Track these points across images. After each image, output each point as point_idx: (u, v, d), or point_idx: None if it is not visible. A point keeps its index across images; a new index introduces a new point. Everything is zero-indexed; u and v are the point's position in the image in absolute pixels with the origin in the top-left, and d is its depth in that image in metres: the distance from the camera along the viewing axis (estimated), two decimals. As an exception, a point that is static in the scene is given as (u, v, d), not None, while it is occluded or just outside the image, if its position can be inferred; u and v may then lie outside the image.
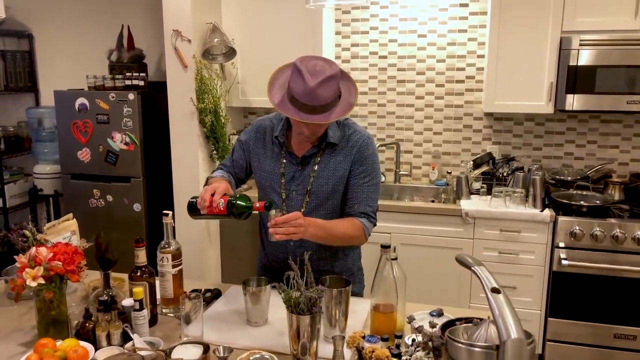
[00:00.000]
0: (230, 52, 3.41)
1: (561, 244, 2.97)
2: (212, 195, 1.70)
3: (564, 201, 3.03)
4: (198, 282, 2.15)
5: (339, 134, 1.89)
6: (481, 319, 1.26)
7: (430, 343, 1.26)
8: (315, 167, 1.88)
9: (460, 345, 1.18)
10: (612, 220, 2.91)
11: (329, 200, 1.89)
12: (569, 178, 3.30)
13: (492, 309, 1.15)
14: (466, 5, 3.47)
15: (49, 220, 4.20)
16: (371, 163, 1.89)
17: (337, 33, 3.70)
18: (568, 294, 3.01)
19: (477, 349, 1.17)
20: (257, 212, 1.71)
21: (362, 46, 3.68)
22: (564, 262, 2.94)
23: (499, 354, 1.11)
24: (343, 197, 1.90)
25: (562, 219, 2.96)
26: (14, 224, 4.18)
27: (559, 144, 3.50)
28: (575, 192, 3.16)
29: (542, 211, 3.02)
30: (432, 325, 1.31)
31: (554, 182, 3.31)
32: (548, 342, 3.10)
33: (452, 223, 3.15)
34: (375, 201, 1.91)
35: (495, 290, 1.18)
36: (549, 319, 3.07)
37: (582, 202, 3.04)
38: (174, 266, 1.78)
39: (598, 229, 2.89)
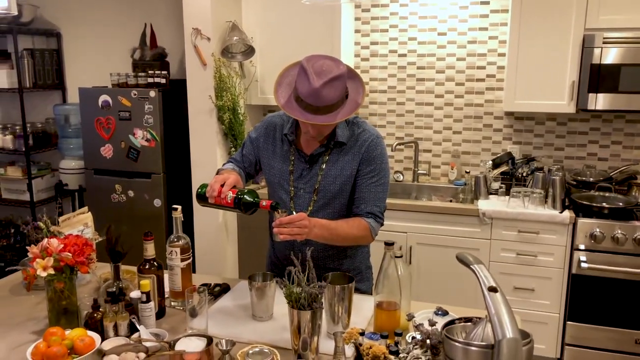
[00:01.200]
0: (249, 51, 3.44)
1: (581, 246, 2.90)
2: (222, 186, 1.72)
3: (585, 202, 2.97)
4: (210, 276, 2.18)
5: (348, 132, 1.88)
6: (480, 318, 1.25)
7: (428, 341, 1.25)
8: (324, 166, 1.87)
9: (456, 344, 1.18)
10: (636, 223, 2.83)
11: (336, 199, 1.88)
12: (591, 179, 3.22)
13: (489, 308, 1.14)
14: (487, 2, 3.42)
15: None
16: (379, 163, 1.87)
17: (357, 31, 3.69)
18: (588, 298, 2.94)
19: (473, 348, 1.16)
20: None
21: (381, 44, 3.66)
22: (583, 264, 2.88)
23: (494, 353, 1.10)
24: (350, 196, 1.90)
25: (582, 220, 2.90)
26: (31, 218, 4.33)
27: (582, 145, 3.42)
28: (596, 193, 3.08)
29: (561, 212, 2.96)
30: (431, 324, 1.30)
31: (575, 183, 3.24)
32: (567, 347, 3.03)
33: (469, 223, 3.12)
34: (382, 201, 1.89)
35: (492, 289, 1.16)
36: (568, 322, 3.01)
37: (603, 203, 2.97)
38: (182, 260, 1.80)
39: (620, 231, 2.82)
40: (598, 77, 2.95)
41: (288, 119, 1.94)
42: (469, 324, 1.28)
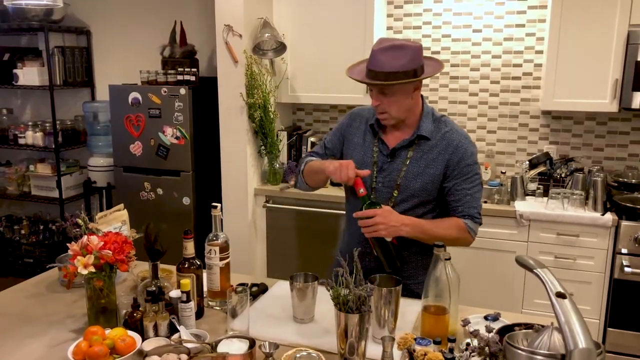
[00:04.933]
0: (281, 48, 3.40)
1: (624, 250, 2.80)
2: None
3: (628, 205, 2.86)
4: (245, 276, 2.13)
5: (433, 128, 1.83)
6: (543, 326, 1.18)
7: (487, 349, 1.19)
8: (407, 162, 1.82)
9: (520, 352, 1.11)
10: (681, 227, 2.73)
11: (416, 197, 1.82)
12: (634, 181, 3.11)
13: (558, 316, 1.07)
14: (525, -2, 3.33)
15: (101, 211, 4.32)
16: (471, 163, 1.82)
17: (389, 28, 3.63)
18: (630, 303, 2.83)
19: (539, 357, 1.09)
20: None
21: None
22: (626, 269, 2.78)
23: (565, 364, 1.03)
24: (439, 197, 1.84)
25: (625, 223, 2.79)
26: (69, 214, 4.35)
27: (623, 145, 3.31)
28: (640, 195, 2.98)
29: (603, 215, 2.86)
30: (489, 330, 1.23)
31: (616, 184, 3.13)
32: (607, 354, 2.93)
33: (505, 225, 3.03)
34: (478, 201, 1.85)
35: (560, 295, 1.10)
36: (609, 329, 2.91)
37: (647, 206, 2.87)
38: (221, 259, 1.77)
39: (665, 235, 2.71)
40: (643, 75, 2.84)
41: (374, 112, 1.89)
42: (530, 331, 1.21)
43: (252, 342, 1.43)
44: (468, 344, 1.28)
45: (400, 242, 1.78)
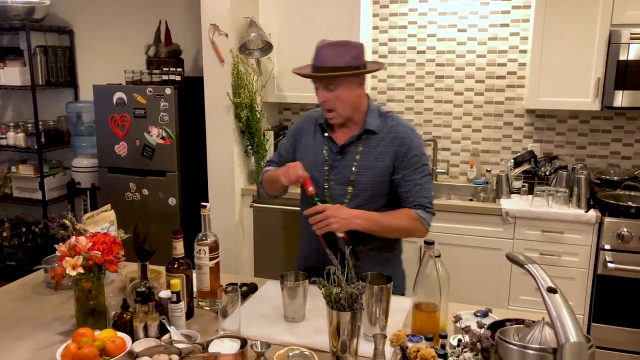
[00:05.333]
0: (267, 47, 3.39)
1: (607, 246, 2.85)
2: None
3: (611, 202, 2.91)
4: (233, 275, 2.13)
5: (379, 123, 1.88)
6: (534, 321, 1.20)
7: (478, 344, 1.20)
8: (357, 157, 1.86)
9: (512, 347, 1.12)
10: (663, 223, 2.78)
11: (368, 191, 1.86)
12: (616, 178, 3.16)
13: (549, 310, 1.08)
14: (509, -2, 3.37)
15: (86, 213, 4.26)
16: (419, 154, 1.86)
17: (375, 28, 3.64)
18: (613, 299, 2.88)
19: (531, 352, 1.10)
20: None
21: (400, 41, 3.61)
22: (609, 265, 2.82)
23: (557, 358, 1.04)
24: (392, 190, 1.88)
25: (608, 220, 2.84)
26: (56, 215, 4.28)
27: (605, 143, 3.36)
28: (622, 192, 3.02)
29: (587, 212, 2.91)
30: (480, 326, 1.24)
31: (599, 182, 3.18)
32: (591, 348, 2.97)
33: (491, 222, 3.06)
34: (428, 192, 1.88)
35: (551, 290, 1.11)
36: (592, 324, 2.95)
37: (630, 202, 2.91)
38: (211, 259, 1.76)
39: (647, 231, 2.76)
40: (625, 74, 2.89)
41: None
42: (521, 326, 1.23)
43: (244, 342, 1.43)
44: (460, 340, 1.29)
45: (355, 237, 1.78)
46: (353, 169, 1.86)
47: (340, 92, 1.79)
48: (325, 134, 1.92)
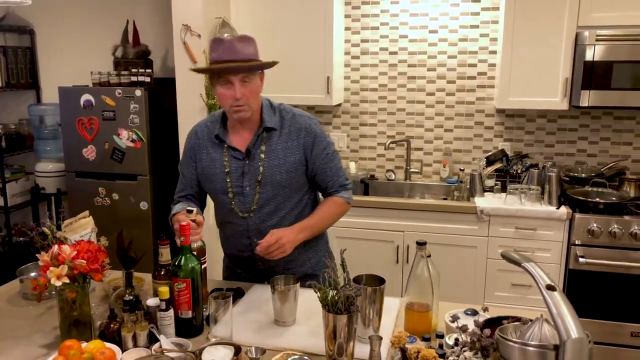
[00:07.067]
0: (240, 48, 3.35)
1: (577, 242, 2.93)
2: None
3: (581, 198, 3.00)
4: (214, 281, 2.09)
5: (277, 118, 1.87)
6: (531, 319, 1.22)
7: (477, 343, 1.21)
8: (262, 156, 1.84)
9: (513, 344, 1.14)
10: (630, 218, 2.88)
11: (285, 188, 1.87)
12: (583, 175, 3.26)
13: (549, 308, 1.11)
14: (478, 0, 3.43)
15: (50, 218, 4.12)
16: (325, 139, 1.90)
17: (347, 29, 3.65)
18: (584, 292, 2.97)
19: (531, 349, 1.12)
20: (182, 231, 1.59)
21: (372, 42, 3.63)
22: (581, 259, 2.91)
23: (559, 354, 1.06)
24: (310, 181, 1.92)
25: (578, 216, 2.93)
26: (14, 223, 4.12)
27: (572, 141, 3.47)
28: (590, 189, 3.12)
29: (558, 208, 2.99)
30: (478, 325, 1.26)
31: (568, 179, 3.28)
32: (563, 341, 3.06)
33: (466, 221, 3.11)
34: (342, 170, 1.97)
35: (550, 288, 1.13)
36: (565, 317, 3.04)
37: (597, 199, 3.01)
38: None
39: (616, 226, 2.86)
40: (591, 74, 2.99)
41: (214, 123, 1.92)
42: (518, 323, 1.25)
43: (238, 349, 1.41)
44: (457, 339, 1.30)
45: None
46: (261, 169, 1.84)
47: (253, 86, 1.78)
48: (225, 144, 1.87)
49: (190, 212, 1.72)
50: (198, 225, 1.70)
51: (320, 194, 2.03)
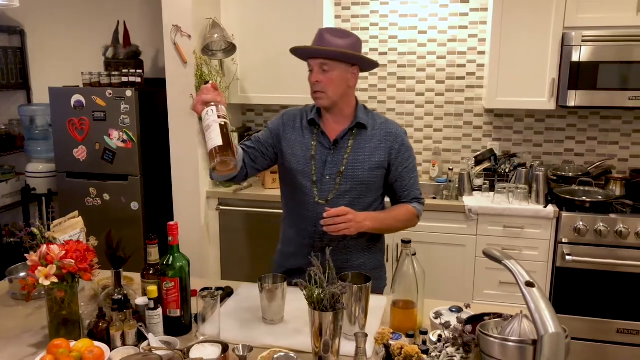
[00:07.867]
0: (230, 48, 3.37)
1: (565, 240, 2.97)
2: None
3: (568, 197, 3.03)
4: (203, 279, 2.11)
5: (368, 119, 1.94)
6: (512, 315, 1.25)
7: (459, 339, 1.24)
8: (349, 150, 1.90)
9: (493, 340, 1.17)
10: (616, 216, 2.92)
11: (363, 185, 1.90)
12: (570, 174, 3.30)
13: (528, 303, 1.13)
14: (467, 1, 3.46)
15: (41, 219, 4.12)
16: (409, 149, 1.97)
17: (337, 29, 3.67)
18: (571, 290, 3.01)
19: (511, 344, 1.15)
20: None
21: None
22: (567, 257, 2.94)
23: (537, 349, 1.09)
24: (385, 184, 1.96)
25: (565, 214, 2.96)
26: (5, 224, 4.12)
27: (559, 141, 3.51)
28: (577, 188, 3.16)
29: (545, 207, 3.02)
30: (461, 321, 1.28)
31: (555, 178, 3.31)
32: (551, 338, 3.09)
33: (455, 220, 3.14)
34: (418, 185, 2.01)
35: (529, 284, 1.16)
36: (552, 314, 3.07)
37: (584, 197, 3.05)
38: (219, 117, 1.58)
39: (602, 224, 2.90)
40: (577, 75, 3.02)
41: (310, 109, 1.97)
42: (500, 319, 1.28)
43: (225, 346, 1.43)
44: (440, 336, 1.33)
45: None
46: (345, 162, 1.89)
47: (334, 76, 1.82)
48: (317, 129, 1.93)
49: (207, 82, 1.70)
50: (214, 89, 1.66)
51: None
